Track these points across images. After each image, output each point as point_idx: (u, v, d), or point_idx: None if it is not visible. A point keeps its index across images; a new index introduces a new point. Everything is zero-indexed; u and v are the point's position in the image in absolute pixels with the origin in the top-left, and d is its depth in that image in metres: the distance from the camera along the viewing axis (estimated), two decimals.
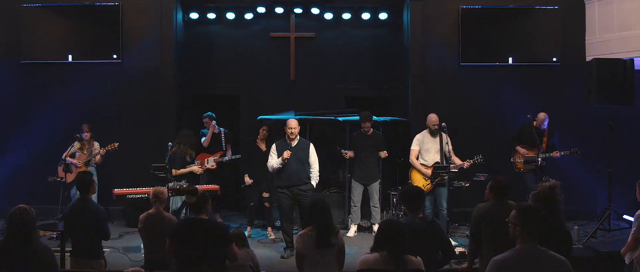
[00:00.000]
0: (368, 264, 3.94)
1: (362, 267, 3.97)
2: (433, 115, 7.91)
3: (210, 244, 4.52)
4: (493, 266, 3.43)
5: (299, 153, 7.16)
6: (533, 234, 3.42)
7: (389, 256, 3.88)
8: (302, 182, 7.13)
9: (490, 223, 4.74)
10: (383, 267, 3.87)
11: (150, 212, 5.63)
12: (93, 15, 9.14)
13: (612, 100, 7.96)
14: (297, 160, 7.12)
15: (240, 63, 10.08)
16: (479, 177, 8.08)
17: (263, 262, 6.54)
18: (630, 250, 5.09)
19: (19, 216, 4.14)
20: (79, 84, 9.18)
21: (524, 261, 3.38)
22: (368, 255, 4.00)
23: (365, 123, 8.02)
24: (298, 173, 7.11)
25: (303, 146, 7.26)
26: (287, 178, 7.11)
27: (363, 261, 4.00)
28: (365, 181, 8.12)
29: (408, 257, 3.93)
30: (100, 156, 8.35)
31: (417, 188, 5.09)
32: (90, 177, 5.69)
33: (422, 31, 9.21)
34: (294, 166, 7.09)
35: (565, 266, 3.40)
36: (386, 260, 3.88)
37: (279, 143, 7.30)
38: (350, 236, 8.03)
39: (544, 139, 8.23)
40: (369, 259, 3.96)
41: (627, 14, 8.62)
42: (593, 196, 8.86)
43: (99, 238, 5.45)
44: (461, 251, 6.48)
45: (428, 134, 7.94)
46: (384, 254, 3.90)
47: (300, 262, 4.64)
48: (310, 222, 4.70)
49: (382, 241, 3.95)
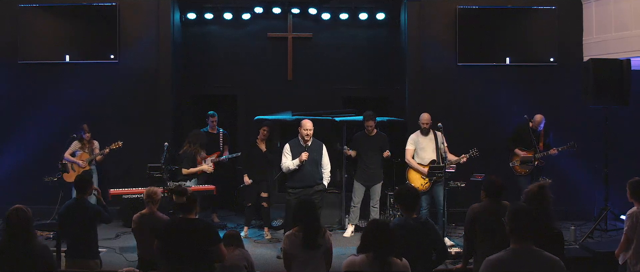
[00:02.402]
0: (354, 266, 3.89)
1: (348, 269, 3.91)
2: (425, 115, 7.91)
3: (199, 244, 4.52)
4: (486, 265, 3.43)
5: (313, 154, 7.18)
6: (526, 234, 3.41)
7: (375, 258, 3.81)
8: (315, 182, 7.18)
9: (484, 223, 4.74)
10: (368, 269, 3.80)
11: (143, 212, 5.63)
12: (90, 15, 9.15)
13: (608, 100, 7.95)
14: (312, 161, 7.15)
15: (238, 63, 10.09)
16: (476, 177, 8.08)
17: (259, 262, 6.55)
18: (623, 250, 5.10)
19: (16, 216, 4.16)
20: (77, 84, 9.19)
21: (517, 261, 3.37)
22: (354, 257, 3.95)
23: (368, 122, 7.98)
24: (312, 174, 7.15)
25: (317, 146, 7.28)
26: (300, 180, 7.12)
27: (349, 262, 3.94)
28: (368, 183, 8.09)
29: (394, 259, 3.84)
30: (103, 155, 8.35)
31: (411, 188, 5.08)
32: (89, 177, 5.68)
33: (419, 31, 9.21)
34: (308, 167, 7.11)
35: (559, 266, 3.38)
36: (372, 262, 3.81)
37: (293, 144, 7.28)
38: (347, 236, 8.03)
39: (541, 140, 8.24)
40: (355, 261, 3.91)
41: (624, 14, 8.61)
42: (590, 196, 8.85)
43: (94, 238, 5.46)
44: (457, 251, 6.48)
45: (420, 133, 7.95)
46: (369, 255, 3.83)
47: (288, 263, 4.63)
48: (297, 222, 4.69)
49: (368, 242, 3.88)
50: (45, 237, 7.59)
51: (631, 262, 5.03)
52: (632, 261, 5.02)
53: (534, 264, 3.37)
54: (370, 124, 7.97)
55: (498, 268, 3.39)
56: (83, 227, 5.35)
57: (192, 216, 4.71)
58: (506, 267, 3.37)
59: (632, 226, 5.03)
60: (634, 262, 5.00)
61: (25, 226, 4.13)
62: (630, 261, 5.04)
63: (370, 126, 7.99)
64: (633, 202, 5.17)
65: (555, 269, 3.38)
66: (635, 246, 5.01)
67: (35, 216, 4.35)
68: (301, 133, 7.21)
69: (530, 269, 3.36)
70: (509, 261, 3.38)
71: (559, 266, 3.39)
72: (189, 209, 4.70)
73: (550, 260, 3.40)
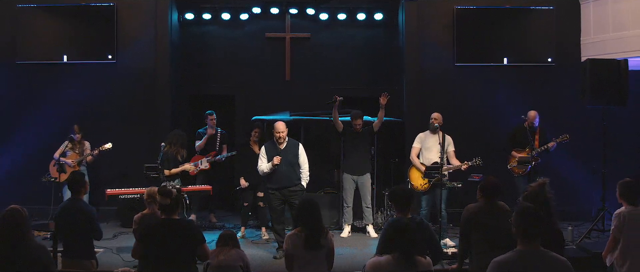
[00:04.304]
0: (380, 267, 3.87)
1: (374, 270, 3.89)
2: (436, 113, 7.90)
3: (184, 244, 4.50)
4: (494, 267, 3.41)
5: (288, 156, 7.14)
6: (533, 235, 3.39)
7: (401, 258, 3.82)
8: (292, 183, 7.12)
9: (480, 224, 4.73)
10: (396, 269, 3.81)
11: (145, 212, 5.64)
12: (88, 15, 9.16)
13: (606, 100, 7.93)
14: (287, 162, 7.11)
15: (236, 63, 10.09)
16: (474, 177, 8.07)
17: (255, 263, 6.54)
18: (611, 251, 5.09)
19: (11, 217, 4.15)
20: (74, 85, 9.19)
21: (524, 262, 3.35)
22: (378, 258, 3.93)
23: (356, 121, 8.03)
24: (288, 175, 7.10)
25: (292, 147, 7.24)
26: (277, 181, 7.11)
27: (374, 264, 3.91)
28: (356, 173, 8.08)
29: (419, 258, 3.89)
30: (93, 156, 8.34)
31: (405, 188, 5.09)
32: (82, 177, 5.69)
33: (417, 32, 9.21)
34: (283, 168, 7.08)
35: (566, 266, 3.37)
36: (398, 262, 3.82)
37: (268, 146, 7.27)
38: (344, 237, 8.02)
39: (536, 137, 8.20)
40: (381, 262, 3.88)
41: (622, 14, 8.61)
42: (588, 196, 8.85)
43: (90, 238, 5.46)
44: (454, 252, 6.47)
45: (429, 132, 7.92)
46: (395, 256, 3.83)
47: (289, 263, 4.62)
48: (300, 223, 4.68)
49: (392, 242, 3.88)
50: (42, 237, 7.59)
51: (618, 263, 4.99)
52: (618, 262, 4.99)
53: (542, 265, 3.36)
54: (358, 122, 8.03)
55: (505, 269, 3.37)
56: (78, 227, 5.33)
57: (175, 217, 4.69)
58: (513, 269, 3.36)
59: (618, 226, 5.01)
60: (621, 263, 4.96)
61: (21, 227, 4.12)
62: (617, 262, 5.01)
63: (358, 125, 8.04)
64: (622, 203, 5.16)
65: (563, 270, 3.37)
66: (622, 246, 4.98)
67: (33, 216, 4.36)
68: (274, 136, 7.20)
69: (538, 270, 3.35)
70: (517, 262, 3.37)
71: (566, 267, 3.38)
72: (173, 210, 4.67)
73: (558, 261, 3.38)
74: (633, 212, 5.02)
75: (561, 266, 3.37)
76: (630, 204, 5.08)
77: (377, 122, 8.07)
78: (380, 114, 8.00)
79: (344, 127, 8.17)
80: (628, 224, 4.98)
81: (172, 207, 4.66)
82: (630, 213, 5.02)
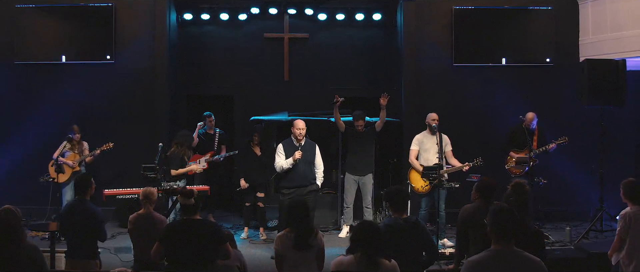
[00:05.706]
0: (342, 266, 3.90)
1: (336, 268, 3.91)
2: (432, 113, 7.90)
3: (207, 244, 4.53)
4: (467, 266, 3.43)
5: (306, 154, 7.21)
6: (506, 234, 3.39)
7: (363, 258, 3.80)
8: (308, 182, 7.20)
9: (476, 224, 4.72)
10: (356, 269, 3.80)
11: (140, 212, 5.63)
12: (86, 16, 9.15)
13: (604, 101, 7.94)
14: (305, 161, 7.18)
15: (234, 64, 10.10)
16: (472, 177, 8.06)
17: (253, 263, 6.56)
18: (616, 251, 5.12)
19: (4, 217, 4.16)
20: (73, 85, 9.19)
21: (497, 262, 3.36)
22: (343, 257, 3.95)
23: (358, 122, 8.02)
24: (305, 174, 7.17)
25: (309, 146, 7.31)
26: (294, 179, 7.14)
27: (337, 262, 3.95)
28: (359, 173, 8.08)
29: (382, 260, 3.84)
30: (93, 156, 8.35)
31: (401, 188, 5.08)
32: (89, 178, 5.64)
33: (415, 32, 9.20)
34: (301, 167, 7.14)
35: (539, 267, 3.37)
36: (360, 262, 3.81)
37: (286, 143, 7.32)
38: (342, 237, 8.02)
39: (534, 138, 8.21)
40: (343, 261, 3.92)
41: (620, 14, 8.61)
42: (586, 196, 8.85)
43: (95, 238, 5.46)
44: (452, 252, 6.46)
45: (428, 133, 7.90)
46: (358, 256, 3.83)
47: (279, 264, 4.63)
48: (289, 223, 4.70)
49: (357, 242, 3.87)
50: (40, 237, 7.60)
51: (624, 263, 5.05)
52: (624, 261, 5.04)
53: (515, 265, 3.36)
54: (360, 123, 8.02)
55: (478, 269, 3.38)
56: (83, 227, 5.32)
57: (197, 217, 4.72)
58: (486, 268, 3.36)
59: (625, 227, 5.05)
60: (627, 263, 5.02)
61: (14, 227, 4.13)
62: (623, 261, 5.07)
63: (360, 125, 8.03)
64: (627, 203, 5.18)
65: (536, 270, 3.37)
66: (629, 246, 5.03)
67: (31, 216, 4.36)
68: (294, 132, 7.25)
69: (510, 270, 3.35)
70: (489, 262, 3.38)
71: (539, 267, 3.37)
72: (194, 211, 4.70)
73: (531, 261, 3.38)
74: (639, 213, 5.05)
75: (534, 266, 3.36)
76: (635, 204, 5.11)
77: (379, 123, 8.06)
78: (381, 115, 7.99)
79: (347, 127, 8.17)
80: (634, 224, 5.01)
81: (194, 208, 4.69)
82: (636, 213, 5.05)
